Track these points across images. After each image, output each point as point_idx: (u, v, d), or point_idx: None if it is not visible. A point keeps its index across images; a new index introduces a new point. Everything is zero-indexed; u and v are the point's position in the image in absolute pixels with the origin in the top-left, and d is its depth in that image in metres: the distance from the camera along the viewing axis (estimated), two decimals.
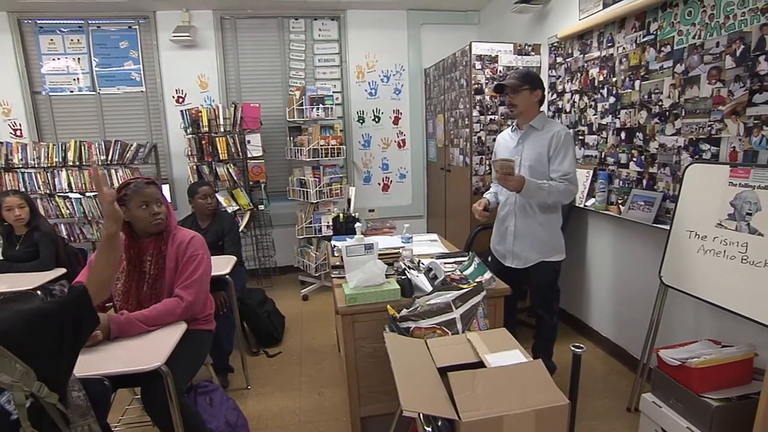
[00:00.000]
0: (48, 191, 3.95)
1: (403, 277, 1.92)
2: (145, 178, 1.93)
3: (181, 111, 3.99)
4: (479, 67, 3.27)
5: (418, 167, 4.84)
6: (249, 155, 3.95)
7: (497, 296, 1.90)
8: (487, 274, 1.93)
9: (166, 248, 1.91)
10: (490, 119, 3.37)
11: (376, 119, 4.70)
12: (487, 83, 3.30)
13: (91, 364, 1.46)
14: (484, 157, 3.40)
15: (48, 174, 3.95)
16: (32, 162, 3.92)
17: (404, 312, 1.62)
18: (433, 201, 4.77)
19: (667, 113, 2.20)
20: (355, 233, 2.57)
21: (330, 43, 4.56)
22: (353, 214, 2.68)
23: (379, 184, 4.81)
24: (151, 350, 1.56)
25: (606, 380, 2.57)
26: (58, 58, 4.32)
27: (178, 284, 1.87)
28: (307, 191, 3.92)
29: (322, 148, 3.87)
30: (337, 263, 2.13)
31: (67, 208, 4.01)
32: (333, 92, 4.07)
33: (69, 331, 1.14)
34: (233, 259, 2.66)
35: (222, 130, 3.92)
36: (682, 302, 2.18)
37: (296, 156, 4.00)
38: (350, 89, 4.60)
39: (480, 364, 1.28)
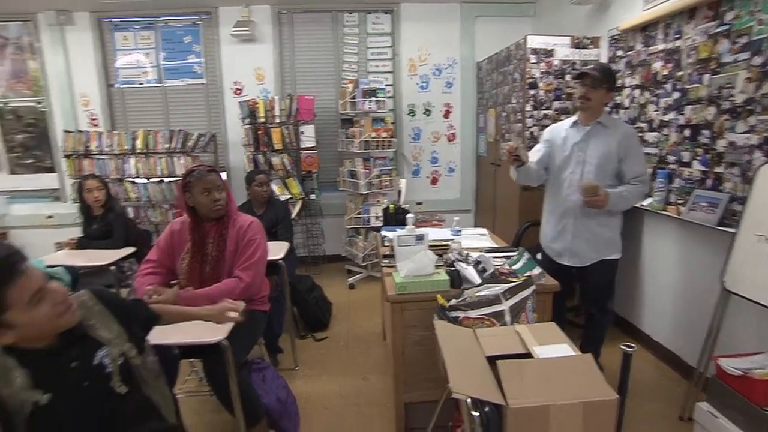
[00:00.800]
0: (118, 176, 4.27)
1: (452, 268, 1.95)
2: (208, 165, 2.05)
3: (240, 102, 4.19)
4: (534, 61, 3.21)
5: (468, 161, 4.81)
6: (302, 146, 4.08)
7: (546, 292, 1.89)
8: (537, 270, 1.92)
9: (227, 232, 2.02)
10: (544, 114, 3.30)
11: (427, 113, 4.71)
12: (541, 77, 3.23)
13: (162, 334, 1.59)
14: None
15: (119, 160, 4.26)
16: (106, 149, 4.25)
17: (453, 302, 1.65)
18: (481, 196, 4.74)
19: (740, 109, 2.08)
20: (404, 224, 2.62)
21: (383, 37, 4.61)
22: (403, 206, 2.73)
23: (428, 177, 4.83)
24: (213, 326, 1.67)
25: (657, 386, 2.48)
26: (130, 53, 4.64)
27: (238, 266, 1.98)
28: (357, 182, 4.01)
29: (372, 140, 3.93)
30: (387, 252, 2.19)
31: (135, 193, 4.32)
32: (385, 85, 4.12)
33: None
34: (286, 245, 2.78)
35: (277, 121, 4.08)
36: (745, 310, 2.07)
37: (347, 147, 4.09)
38: (402, 82, 4.63)
39: (527, 356, 1.29)
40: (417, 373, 1.98)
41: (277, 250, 2.62)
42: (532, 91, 3.26)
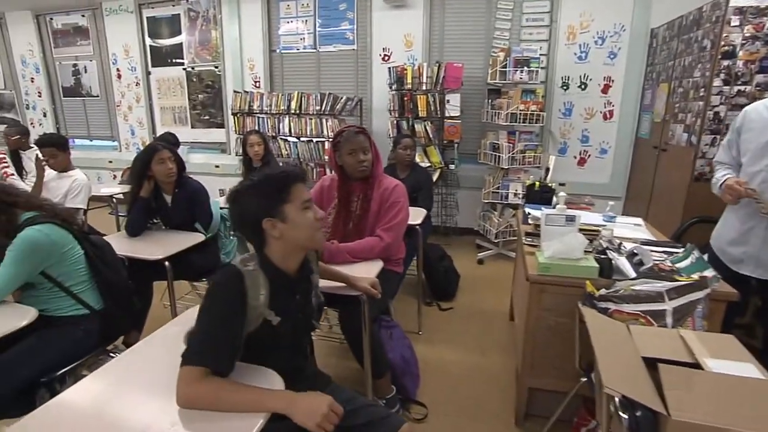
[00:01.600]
0: (273, 134, 4.74)
1: (602, 256, 1.78)
2: (358, 127, 2.13)
3: (389, 68, 4.27)
4: (736, 23, 2.66)
5: (624, 143, 4.30)
6: (446, 114, 4.05)
7: (720, 300, 1.62)
8: (709, 272, 1.66)
9: (372, 192, 2.09)
10: (738, 90, 2.75)
11: (582, 86, 4.29)
12: (743, 44, 2.67)
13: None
14: (718, 137, 2.82)
15: (275, 119, 4.72)
16: (266, 109, 4.72)
17: (604, 292, 1.51)
18: (636, 182, 4.22)
19: None
20: (549, 203, 2.47)
21: (541, 1, 4.25)
22: (550, 184, 2.56)
23: (575, 157, 4.44)
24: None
25: None
26: (291, 21, 5.02)
27: (380, 226, 2.06)
28: (498, 156, 3.87)
29: (520, 113, 3.72)
30: (530, 230, 2.08)
31: (286, 150, 4.76)
32: (539, 54, 3.82)
33: None
34: (424, 211, 2.81)
35: (424, 88, 4.09)
36: None
37: (492, 119, 3.94)
38: (557, 52, 4.27)
39: (695, 366, 1.13)
40: (546, 358, 1.89)
41: (415, 216, 2.66)
42: (726, 62, 2.73)
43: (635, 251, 1.87)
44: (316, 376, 1.47)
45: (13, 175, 4.57)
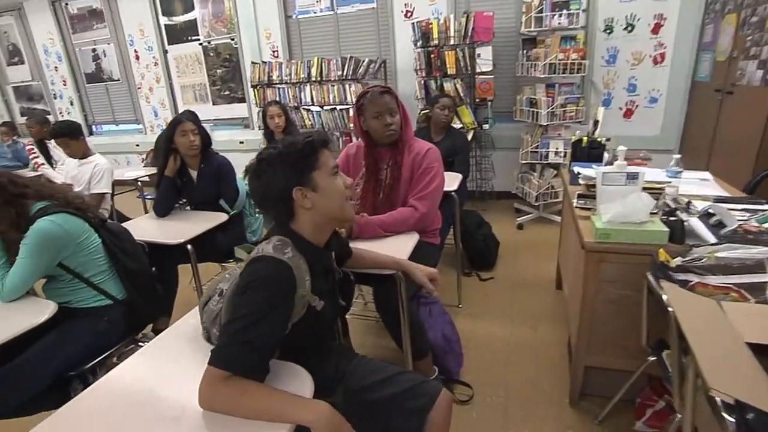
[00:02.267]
0: (295, 104, 4.54)
1: (672, 218, 1.53)
2: (383, 86, 1.90)
3: (412, 24, 3.97)
4: None
5: (678, 89, 3.86)
6: (478, 70, 3.73)
7: None
8: None
9: (402, 159, 1.90)
10: None
11: (629, 28, 3.84)
12: None
13: None
14: None
15: (296, 89, 4.52)
16: (285, 78, 4.52)
17: (680, 260, 1.28)
18: (692, 133, 3.81)
19: None
20: (598, 161, 2.20)
21: None
22: (599, 139, 2.27)
23: (621, 108, 4.04)
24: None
25: None
26: None
27: (413, 195, 1.87)
28: (536, 112, 3.54)
29: (560, 63, 3.37)
30: (582, 192, 1.84)
31: (309, 120, 4.57)
32: None
33: None
34: (459, 176, 2.60)
35: (452, 42, 3.77)
36: None
37: (528, 72, 3.59)
38: None
39: None
40: (606, 335, 1.69)
41: (451, 181, 2.46)
42: None
43: (710, 210, 1.61)
44: (341, 349, 1.38)
45: (43, 164, 4.61)
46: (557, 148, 3.55)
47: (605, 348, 1.70)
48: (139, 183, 3.94)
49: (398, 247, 1.68)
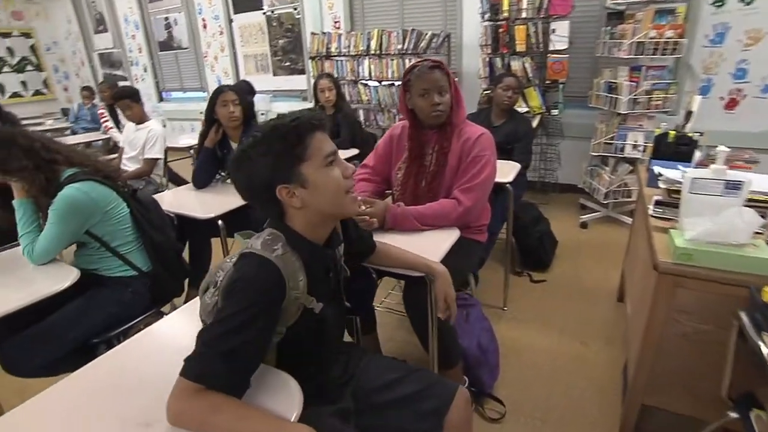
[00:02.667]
0: (353, 78, 4.38)
1: None
2: (434, 60, 1.67)
3: None
4: None
5: None
6: (551, 48, 3.34)
7: None
8: None
9: (449, 144, 1.69)
10: None
11: (748, 0, 3.24)
12: None
13: None
14: None
15: (354, 62, 4.34)
16: (344, 51, 4.36)
17: None
18: None
19: None
20: (687, 161, 1.85)
21: None
22: (690, 135, 1.90)
23: (722, 98, 3.45)
24: (422, 253, 1.40)
25: None
26: None
27: (458, 185, 1.66)
28: (616, 98, 3.09)
29: (650, 42, 2.90)
30: (662, 198, 1.53)
31: (366, 95, 4.40)
32: None
33: None
34: (518, 167, 2.32)
35: (524, 15, 3.39)
36: None
37: (610, 52, 3.14)
38: None
39: None
40: (672, 372, 1.42)
41: (506, 171, 2.20)
42: None
43: None
44: (351, 348, 1.29)
45: (112, 128, 4.84)
46: (636, 141, 3.12)
47: (670, 388, 1.43)
48: (191, 151, 4.00)
49: (434, 244, 1.50)
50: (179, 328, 1.19)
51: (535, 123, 3.49)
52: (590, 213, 3.53)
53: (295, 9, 5.06)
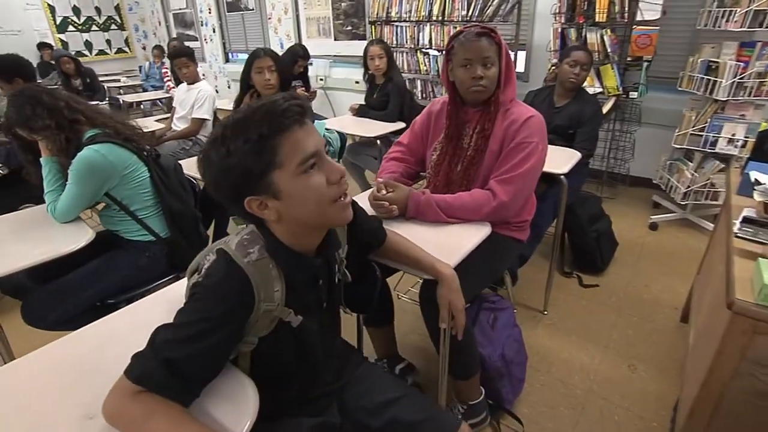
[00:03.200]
0: (413, 46, 4.11)
1: None
2: (484, 27, 1.42)
3: None
4: None
5: None
6: (638, 17, 2.87)
7: None
8: None
9: (492, 126, 1.47)
10: None
11: None
12: None
13: None
14: None
15: (415, 28, 4.07)
16: (404, 16, 4.08)
17: None
18: None
19: None
20: None
21: None
22: None
23: None
24: (443, 249, 1.23)
25: None
26: None
27: (496, 175, 1.45)
28: (714, 81, 2.59)
29: None
30: (752, 213, 1.21)
31: (425, 65, 4.12)
32: None
33: None
34: (577, 156, 2.02)
35: None
36: None
37: (716, 24, 2.60)
38: None
39: None
40: (734, 429, 1.14)
41: (562, 160, 1.93)
42: None
43: None
44: (347, 352, 1.18)
45: (174, 87, 4.96)
46: (734, 134, 2.63)
47: None
48: None
49: (458, 239, 1.33)
50: None
51: (607, 107, 3.07)
52: (664, 213, 3.09)
53: None
